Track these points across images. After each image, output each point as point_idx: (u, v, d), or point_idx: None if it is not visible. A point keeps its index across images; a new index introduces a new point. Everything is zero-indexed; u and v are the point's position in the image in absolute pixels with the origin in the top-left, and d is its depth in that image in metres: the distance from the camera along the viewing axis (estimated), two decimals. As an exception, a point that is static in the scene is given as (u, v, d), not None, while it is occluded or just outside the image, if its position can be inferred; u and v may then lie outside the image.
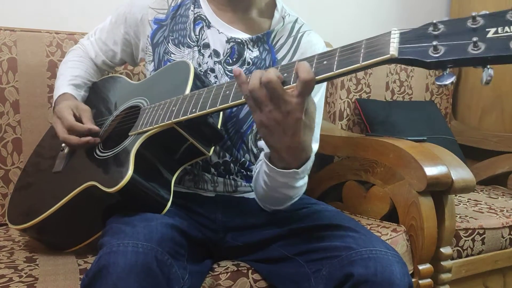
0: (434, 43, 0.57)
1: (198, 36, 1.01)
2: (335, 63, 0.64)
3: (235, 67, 0.73)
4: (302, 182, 0.85)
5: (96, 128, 0.97)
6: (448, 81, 0.58)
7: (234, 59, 1.00)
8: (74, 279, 0.85)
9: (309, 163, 0.80)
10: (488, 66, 0.55)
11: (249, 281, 0.93)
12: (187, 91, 0.86)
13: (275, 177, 0.82)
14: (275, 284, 0.92)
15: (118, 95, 1.09)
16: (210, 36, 1.01)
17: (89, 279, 0.70)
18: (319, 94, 1.01)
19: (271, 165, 0.80)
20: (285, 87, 0.69)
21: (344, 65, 0.64)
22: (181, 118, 0.81)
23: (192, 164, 0.98)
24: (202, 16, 1.02)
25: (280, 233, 0.90)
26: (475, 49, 0.54)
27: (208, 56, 1.00)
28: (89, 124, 0.97)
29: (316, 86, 0.99)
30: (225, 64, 1.00)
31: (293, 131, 0.71)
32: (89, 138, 0.94)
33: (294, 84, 0.68)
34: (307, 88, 0.67)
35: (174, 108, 0.83)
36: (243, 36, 1.00)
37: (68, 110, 0.98)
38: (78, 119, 0.98)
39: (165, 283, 0.71)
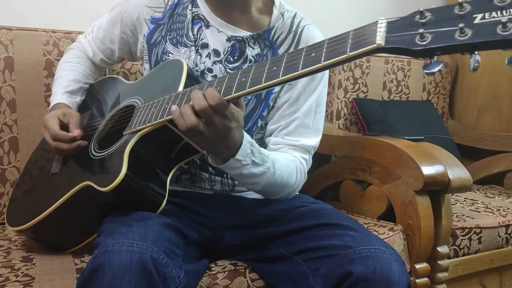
0: (421, 30, 0.56)
1: (196, 36, 1.01)
2: (323, 54, 0.64)
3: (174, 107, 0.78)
4: (262, 168, 0.85)
5: (79, 133, 0.96)
6: (435, 69, 0.57)
7: (236, 57, 0.99)
8: (71, 279, 0.85)
9: (245, 148, 0.81)
10: (476, 52, 0.54)
11: (247, 280, 0.93)
12: (180, 88, 0.85)
13: (227, 172, 0.85)
14: (273, 283, 0.92)
15: (114, 96, 1.09)
16: (210, 36, 1.00)
17: (84, 278, 0.70)
18: (321, 83, 1.01)
19: (214, 164, 0.83)
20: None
21: (332, 56, 0.63)
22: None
23: (189, 162, 0.97)
24: (200, 15, 1.02)
25: (278, 232, 0.90)
26: (462, 35, 0.53)
27: (206, 56, 1.00)
28: (74, 131, 0.96)
29: (316, 79, 1.00)
30: (226, 62, 0.99)
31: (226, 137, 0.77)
32: (79, 142, 0.95)
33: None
34: (219, 108, 0.73)
35: (166, 106, 0.82)
36: (244, 33, 1.00)
37: (53, 119, 0.97)
38: (65, 126, 0.98)
39: (161, 282, 0.71)
